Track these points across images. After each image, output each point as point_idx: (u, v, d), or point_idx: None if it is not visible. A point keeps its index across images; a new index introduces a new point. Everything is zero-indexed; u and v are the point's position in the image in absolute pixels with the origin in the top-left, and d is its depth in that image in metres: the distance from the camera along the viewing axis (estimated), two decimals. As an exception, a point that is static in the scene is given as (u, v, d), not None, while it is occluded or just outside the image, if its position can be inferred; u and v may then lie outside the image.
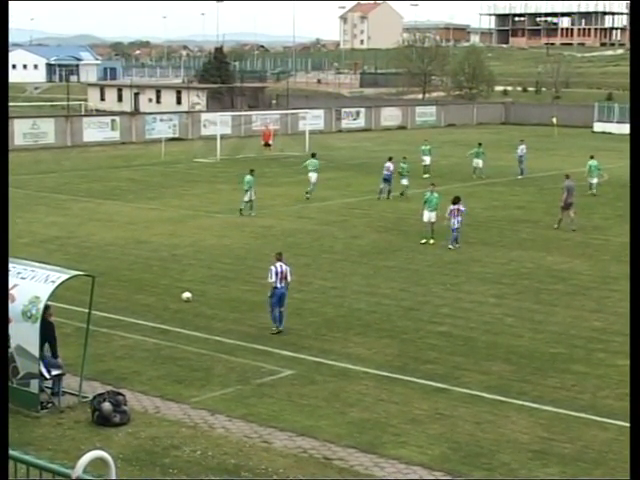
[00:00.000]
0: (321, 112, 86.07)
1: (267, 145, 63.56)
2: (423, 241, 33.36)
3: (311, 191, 43.09)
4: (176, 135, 74.21)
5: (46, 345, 17.59)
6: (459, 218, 32.77)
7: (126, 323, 23.08)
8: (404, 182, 43.82)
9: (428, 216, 33.68)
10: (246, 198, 38.72)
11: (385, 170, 43.43)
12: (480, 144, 51.92)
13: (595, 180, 46.40)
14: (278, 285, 22.07)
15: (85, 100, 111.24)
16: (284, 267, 22.18)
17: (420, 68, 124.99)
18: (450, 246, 32.51)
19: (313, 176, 43.47)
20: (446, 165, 54.95)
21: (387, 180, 43.20)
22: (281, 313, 22.39)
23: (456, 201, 33.13)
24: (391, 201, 42.90)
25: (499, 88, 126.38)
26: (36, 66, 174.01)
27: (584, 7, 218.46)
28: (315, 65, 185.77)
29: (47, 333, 17.41)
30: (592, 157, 47.01)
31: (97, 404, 16.65)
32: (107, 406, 16.53)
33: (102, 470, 7.45)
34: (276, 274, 22.04)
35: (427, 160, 51.94)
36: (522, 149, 53.24)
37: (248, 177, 38.88)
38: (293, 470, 14.96)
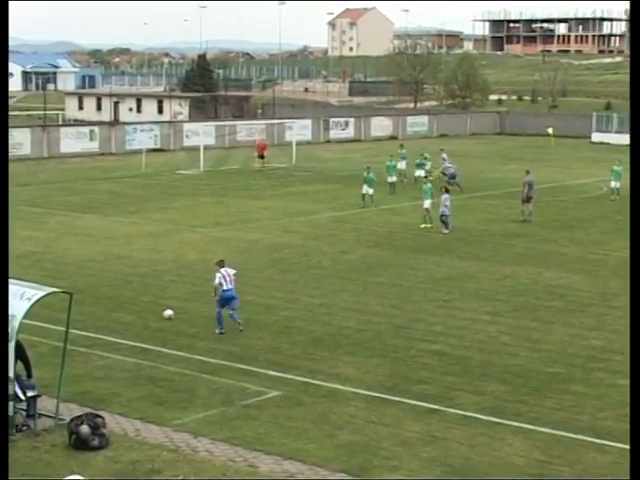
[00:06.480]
0: (308, 122, 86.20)
1: (261, 157, 63.59)
2: (422, 226, 39.00)
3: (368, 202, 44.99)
4: (157, 146, 74.17)
5: (19, 365, 17.53)
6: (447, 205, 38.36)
7: (105, 342, 23.02)
8: (369, 191, 44.89)
9: (426, 203, 39.33)
10: (363, 191, 44.78)
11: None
12: (402, 145, 54.96)
13: (618, 184, 47.47)
14: (228, 287, 23.58)
15: (62, 109, 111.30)
16: (229, 271, 23.84)
17: (411, 76, 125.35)
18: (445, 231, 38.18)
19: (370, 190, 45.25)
20: (439, 177, 54.88)
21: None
22: (233, 315, 23.80)
23: (447, 190, 39.31)
24: (381, 215, 42.99)
25: (493, 97, 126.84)
26: (11, 74, 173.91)
27: (581, 13, 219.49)
28: (302, 73, 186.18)
29: (18, 352, 17.33)
30: (619, 161, 48.38)
31: (75, 427, 16.59)
32: (85, 429, 16.48)
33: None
34: (224, 277, 23.59)
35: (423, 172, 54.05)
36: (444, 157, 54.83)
37: (365, 175, 45.09)
38: (280, 495, 14.92)
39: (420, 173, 52.30)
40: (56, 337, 21.14)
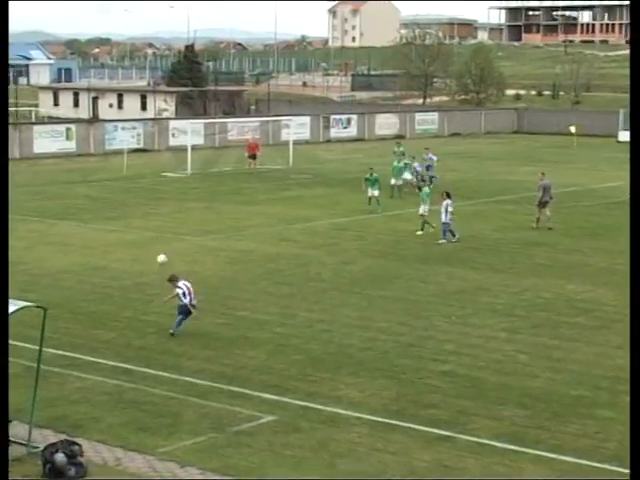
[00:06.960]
0: (307, 119, 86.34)
1: (253, 157, 63.64)
2: (418, 233, 39.44)
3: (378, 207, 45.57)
4: (140, 146, 74.29)
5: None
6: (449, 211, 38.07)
7: (83, 362, 23.02)
8: (375, 193, 45.30)
9: (422, 209, 39.76)
10: (369, 194, 45.18)
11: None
12: (399, 143, 55.93)
13: None
14: (193, 302, 25.15)
15: (36, 106, 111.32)
16: (187, 284, 25.19)
17: (420, 69, 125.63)
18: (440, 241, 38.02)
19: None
20: (450, 181, 54.99)
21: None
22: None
23: (448, 196, 38.68)
24: (387, 221, 43.01)
25: (511, 92, 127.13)
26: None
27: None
28: (300, 66, 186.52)
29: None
30: None
31: (49, 455, 16.58)
32: (60, 458, 16.47)
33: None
34: (184, 292, 24.97)
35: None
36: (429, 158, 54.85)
37: (367, 175, 45.59)
38: (275, 531, 14.93)
39: (406, 176, 51.95)
40: (29, 356, 21.12)
